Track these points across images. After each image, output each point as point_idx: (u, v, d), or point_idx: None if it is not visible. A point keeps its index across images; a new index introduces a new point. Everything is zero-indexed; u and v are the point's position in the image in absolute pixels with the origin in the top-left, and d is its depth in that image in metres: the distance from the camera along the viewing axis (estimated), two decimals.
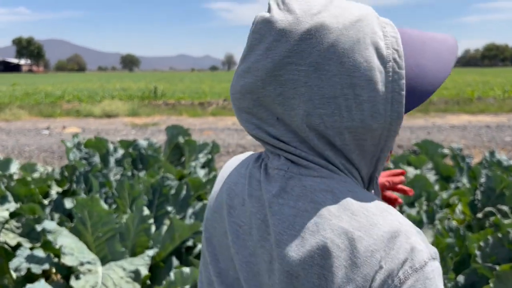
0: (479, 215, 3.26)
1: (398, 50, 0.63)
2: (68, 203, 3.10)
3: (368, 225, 0.57)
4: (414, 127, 13.14)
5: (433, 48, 0.68)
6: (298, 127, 0.62)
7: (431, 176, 3.60)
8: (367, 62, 0.60)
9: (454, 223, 2.54)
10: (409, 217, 2.66)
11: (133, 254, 2.97)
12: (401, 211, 2.78)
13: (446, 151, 4.04)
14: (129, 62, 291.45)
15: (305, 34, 0.59)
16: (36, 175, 4.00)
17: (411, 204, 2.82)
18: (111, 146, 3.55)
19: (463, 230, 2.35)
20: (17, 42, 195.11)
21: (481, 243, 2.13)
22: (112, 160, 3.50)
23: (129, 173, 3.62)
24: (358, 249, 0.56)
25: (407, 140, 10.90)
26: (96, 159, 3.37)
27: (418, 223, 2.58)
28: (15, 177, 4.04)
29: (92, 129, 13.53)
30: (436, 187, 3.58)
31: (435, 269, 0.55)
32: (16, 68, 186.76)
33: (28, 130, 13.50)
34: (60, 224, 3.04)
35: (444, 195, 3.48)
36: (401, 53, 0.63)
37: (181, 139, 4.64)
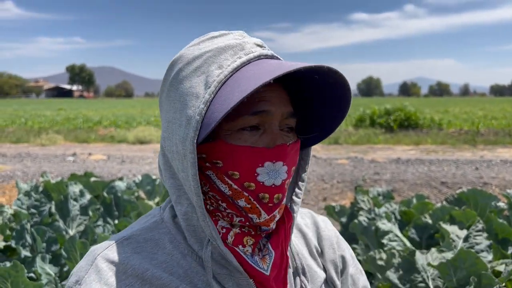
0: None
1: (221, 76, 0.60)
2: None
3: None
4: (459, 161, 11.90)
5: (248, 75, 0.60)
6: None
7: (483, 241, 2.70)
8: (192, 88, 0.61)
9: None
10: None
11: None
12: None
13: (502, 204, 3.11)
14: None
15: (170, 64, 0.67)
16: None
17: None
18: (76, 190, 2.89)
19: None
20: (70, 69, 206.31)
21: None
22: (75, 208, 2.84)
23: (99, 223, 2.96)
24: None
25: (451, 176, 9.74)
26: (48, 207, 2.73)
27: None
28: None
29: (117, 156, 13.20)
30: (490, 257, 2.67)
31: None
32: (68, 93, 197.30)
33: (55, 156, 13.36)
34: None
35: (501, 268, 2.57)
36: (221, 79, 0.60)
37: None
